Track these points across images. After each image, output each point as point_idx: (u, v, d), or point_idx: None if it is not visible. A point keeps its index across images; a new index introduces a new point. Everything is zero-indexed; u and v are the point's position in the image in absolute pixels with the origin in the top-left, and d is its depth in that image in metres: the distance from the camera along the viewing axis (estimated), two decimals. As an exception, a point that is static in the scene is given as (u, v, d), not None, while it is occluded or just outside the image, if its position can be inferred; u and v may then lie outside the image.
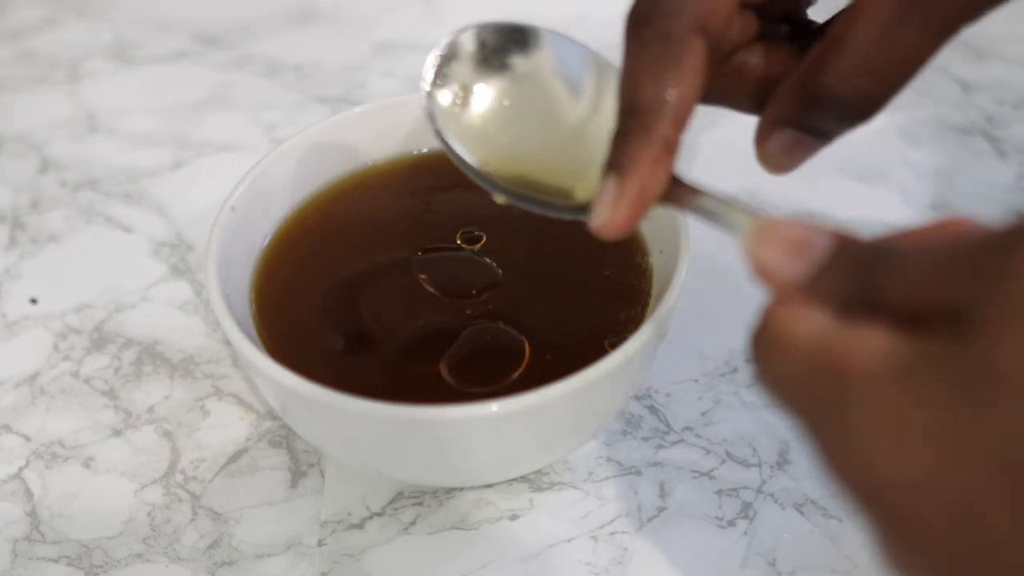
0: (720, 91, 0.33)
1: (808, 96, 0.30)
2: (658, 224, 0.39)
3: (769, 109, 0.32)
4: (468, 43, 0.34)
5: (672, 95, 0.29)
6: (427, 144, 0.44)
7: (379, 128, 0.43)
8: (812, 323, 0.22)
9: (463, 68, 0.34)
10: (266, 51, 0.61)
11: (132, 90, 0.59)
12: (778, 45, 0.32)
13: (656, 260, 0.39)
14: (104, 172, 0.54)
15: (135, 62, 0.61)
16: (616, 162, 0.29)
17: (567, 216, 0.32)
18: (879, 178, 0.52)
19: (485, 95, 0.34)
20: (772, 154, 0.33)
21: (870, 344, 0.21)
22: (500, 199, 0.33)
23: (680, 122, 0.29)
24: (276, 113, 0.57)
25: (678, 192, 0.30)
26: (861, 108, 0.30)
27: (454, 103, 0.34)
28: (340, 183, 0.43)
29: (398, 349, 0.37)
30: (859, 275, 0.22)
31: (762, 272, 0.24)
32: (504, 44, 0.34)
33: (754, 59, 0.32)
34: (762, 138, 0.32)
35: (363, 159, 0.43)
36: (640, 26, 0.29)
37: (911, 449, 0.20)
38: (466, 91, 0.34)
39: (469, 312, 0.38)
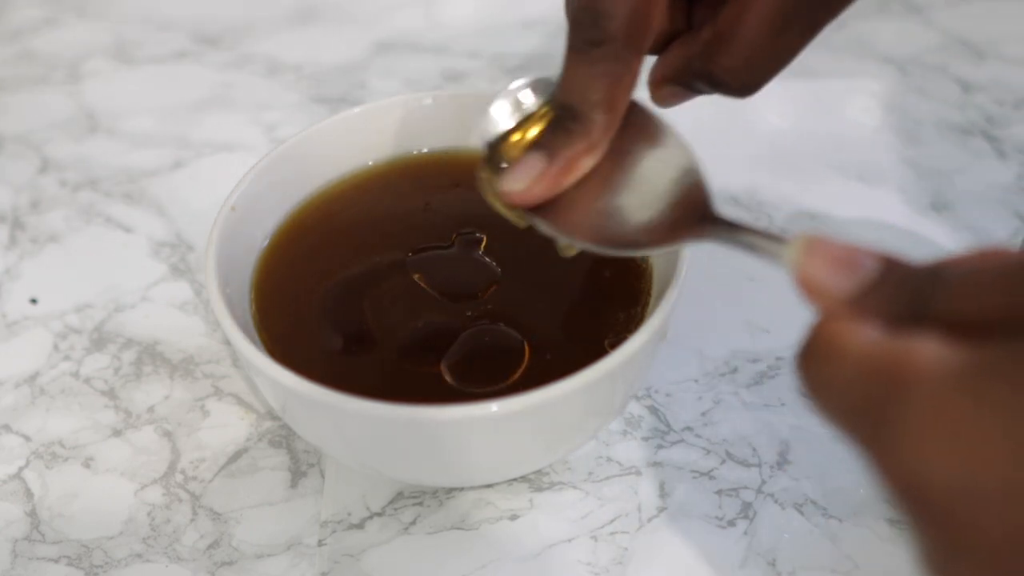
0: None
1: (697, 72, 0.35)
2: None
3: (663, 65, 0.36)
4: (526, 97, 0.36)
5: (611, 108, 0.33)
6: (427, 144, 0.44)
7: (379, 128, 0.43)
8: (865, 334, 0.22)
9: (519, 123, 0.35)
10: (266, 51, 0.61)
11: (132, 90, 0.59)
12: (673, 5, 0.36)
13: (656, 260, 0.39)
14: (104, 172, 0.54)
15: (135, 62, 0.61)
16: (548, 145, 0.33)
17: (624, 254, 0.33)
18: (879, 178, 0.52)
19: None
20: (661, 99, 0.37)
21: (927, 352, 0.21)
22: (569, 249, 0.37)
23: (611, 131, 0.33)
24: (276, 113, 0.57)
25: (718, 229, 0.30)
26: (740, 91, 0.35)
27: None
28: (340, 183, 0.43)
29: (398, 349, 0.37)
30: (909, 295, 0.22)
31: (808, 288, 0.24)
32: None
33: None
34: (655, 86, 0.37)
35: (363, 159, 0.43)
36: (589, 45, 0.33)
37: (976, 455, 0.19)
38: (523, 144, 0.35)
39: (469, 312, 0.38)
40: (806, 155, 0.53)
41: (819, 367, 0.23)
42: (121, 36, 0.63)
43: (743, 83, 0.35)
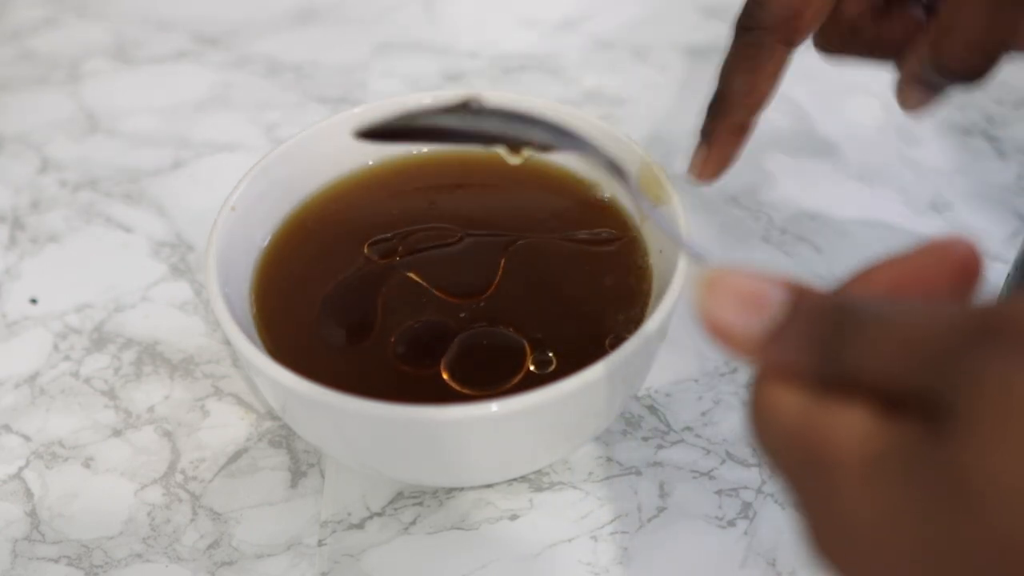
0: (863, 50, 0.39)
1: (931, 67, 0.36)
2: (658, 225, 0.39)
3: (904, 71, 0.38)
4: None
5: (750, 93, 0.37)
6: (427, 144, 0.44)
7: (379, 128, 0.43)
8: (790, 402, 0.22)
9: None
10: (266, 51, 0.61)
11: (132, 90, 0.59)
12: (903, 12, 0.38)
13: (656, 261, 0.39)
14: (104, 172, 0.54)
15: (135, 62, 0.61)
16: (705, 131, 0.38)
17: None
18: (879, 178, 0.52)
19: None
20: (909, 104, 0.38)
21: (847, 428, 0.20)
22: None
23: (754, 110, 0.38)
24: (276, 113, 0.57)
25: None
26: (973, 76, 0.36)
27: None
28: (340, 183, 0.43)
29: (399, 349, 0.37)
30: (823, 340, 0.21)
31: (715, 331, 0.23)
32: None
33: (883, 28, 0.38)
34: (901, 92, 0.38)
35: (363, 159, 0.43)
36: (742, 32, 0.37)
37: (885, 547, 0.19)
38: None
39: (470, 313, 0.38)
40: (806, 155, 0.54)
41: (757, 431, 0.23)
42: (121, 36, 0.63)
43: (971, 68, 0.36)
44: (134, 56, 0.62)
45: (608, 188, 0.42)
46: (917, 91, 0.38)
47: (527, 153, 0.32)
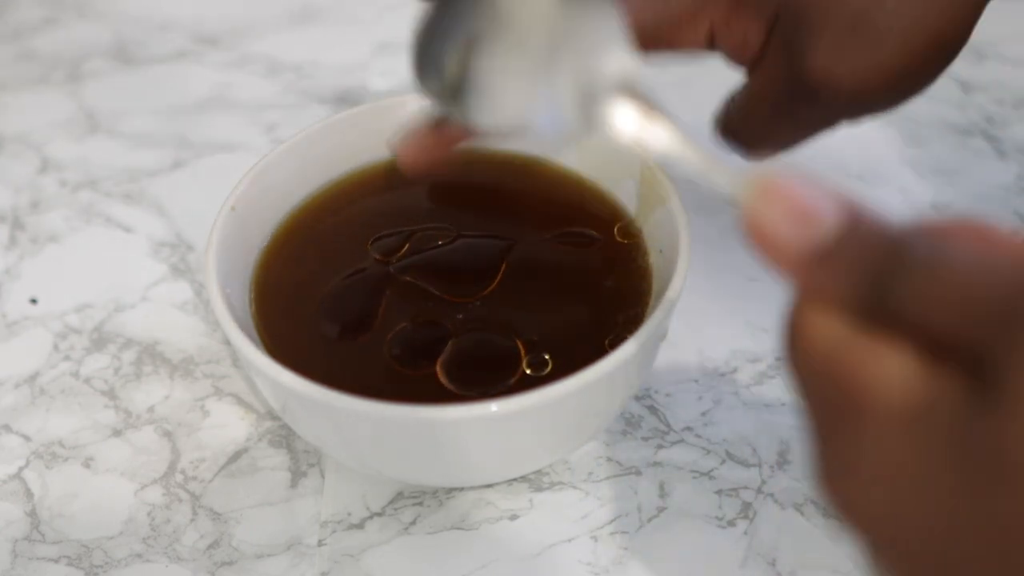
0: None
1: (724, 127, 0.39)
2: (658, 225, 0.39)
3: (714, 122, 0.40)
4: None
5: None
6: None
7: (379, 128, 0.43)
8: (827, 329, 0.21)
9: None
10: (266, 51, 0.61)
11: (132, 90, 0.59)
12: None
13: (656, 260, 0.39)
14: (104, 172, 0.54)
15: (135, 62, 0.61)
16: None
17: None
18: (879, 178, 0.52)
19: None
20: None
21: (884, 369, 0.20)
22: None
23: None
24: (276, 113, 0.57)
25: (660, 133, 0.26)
26: (752, 148, 0.39)
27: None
28: (340, 183, 0.43)
29: (398, 349, 0.37)
30: (874, 271, 0.20)
31: (759, 237, 0.21)
32: None
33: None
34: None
35: (363, 159, 0.43)
36: None
37: (907, 499, 0.19)
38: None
39: (470, 312, 0.38)
40: (806, 155, 0.53)
41: (790, 349, 0.22)
42: (121, 36, 0.63)
43: (750, 144, 0.39)
44: (134, 56, 0.62)
45: (610, 187, 0.42)
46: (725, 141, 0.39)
47: None
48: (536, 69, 0.27)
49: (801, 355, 0.21)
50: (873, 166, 0.52)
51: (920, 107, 0.57)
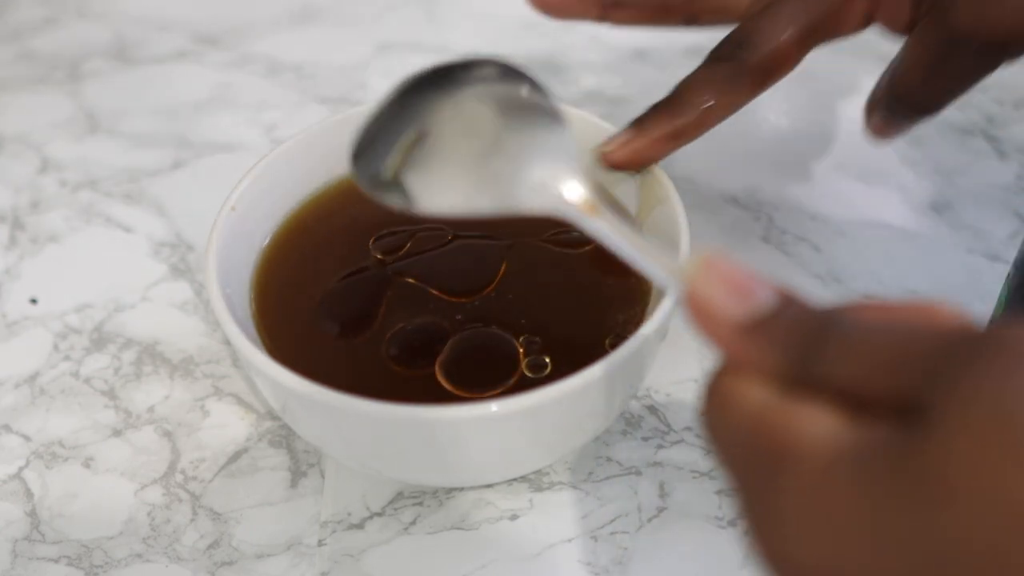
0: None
1: (891, 95, 0.39)
2: (658, 225, 0.39)
3: (870, 96, 0.40)
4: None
5: (704, 110, 0.37)
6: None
7: (379, 128, 0.43)
8: (754, 394, 0.22)
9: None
10: (266, 51, 0.61)
11: (132, 90, 0.59)
12: None
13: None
14: (104, 172, 0.54)
15: (135, 62, 0.61)
16: (640, 122, 0.38)
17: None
18: (879, 178, 0.52)
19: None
20: (873, 128, 0.41)
21: (811, 425, 0.20)
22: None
23: (700, 129, 0.38)
24: (276, 113, 0.57)
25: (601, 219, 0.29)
26: (921, 111, 0.39)
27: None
28: (340, 183, 0.43)
29: (398, 350, 0.37)
30: (803, 339, 0.21)
31: (698, 310, 0.23)
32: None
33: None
34: (868, 112, 0.41)
35: (363, 159, 0.43)
36: (719, 58, 0.38)
37: (844, 542, 0.19)
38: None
39: (470, 312, 0.38)
40: (806, 155, 0.54)
41: (712, 422, 0.23)
42: (121, 36, 0.63)
43: (922, 105, 0.39)
44: (134, 56, 0.62)
45: (610, 187, 0.42)
46: (878, 117, 0.40)
47: None
48: (480, 165, 0.31)
49: (727, 419, 0.22)
50: (873, 166, 0.52)
51: (920, 107, 0.56)
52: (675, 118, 0.37)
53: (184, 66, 0.61)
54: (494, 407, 0.32)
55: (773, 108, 0.55)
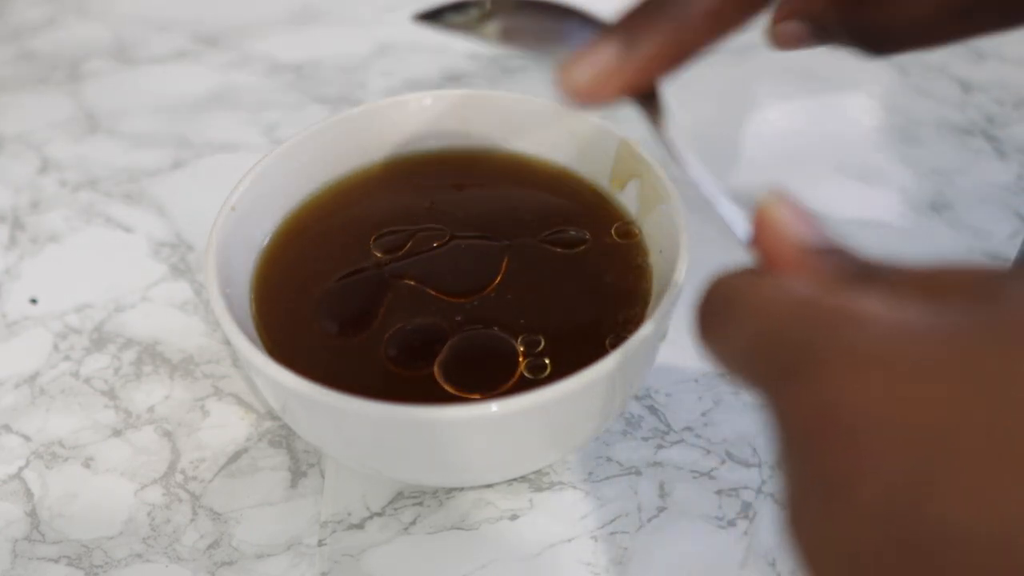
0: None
1: (838, 19, 0.33)
2: (658, 225, 0.39)
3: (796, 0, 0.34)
4: None
5: (712, 13, 0.27)
6: (427, 144, 0.44)
7: (379, 128, 0.43)
8: (801, 285, 0.21)
9: None
10: (266, 51, 0.61)
11: (132, 90, 0.59)
12: None
13: (656, 260, 0.39)
14: (104, 172, 0.54)
15: (135, 62, 0.61)
16: (627, 27, 0.27)
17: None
18: (879, 178, 0.52)
19: None
20: (781, 37, 0.34)
21: (875, 298, 0.20)
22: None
23: (708, 40, 0.28)
24: (276, 113, 0.57)
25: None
26: (878, 50, 0.33)
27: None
28: (340, 183, 0.43)
29: (398, 350, 0.37)
30: (863, 265, 0.22)
31: (767, 224, 0.23)
32: None
33: None
34: (779, 18, 0.34)
35: (363, 159, 0.43)
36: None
37: (919, 394, 0.18)
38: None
39: (470, 313, 0.38)
40: (806, 155, 0.54)
41: (737, 308, 0.22)
42: (121, 36, 0.63)
43: (890, 44, 0.32)
44: (134, 56, 0.62)
45: (611, 188, 0.42)
46: (798, 30, 0.34)
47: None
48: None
49: (767, 296, 0.21)
50: (873, 166, 0.52)
51: (920, 107, 0.57)
52: (677, 27, 0.27)
53: (184, 66, 0.61)
54: (494, 407, 0.32)
55: (773, 108, 0.55)
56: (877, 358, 0.18)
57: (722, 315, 0.23)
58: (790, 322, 0.20)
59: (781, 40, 0.34)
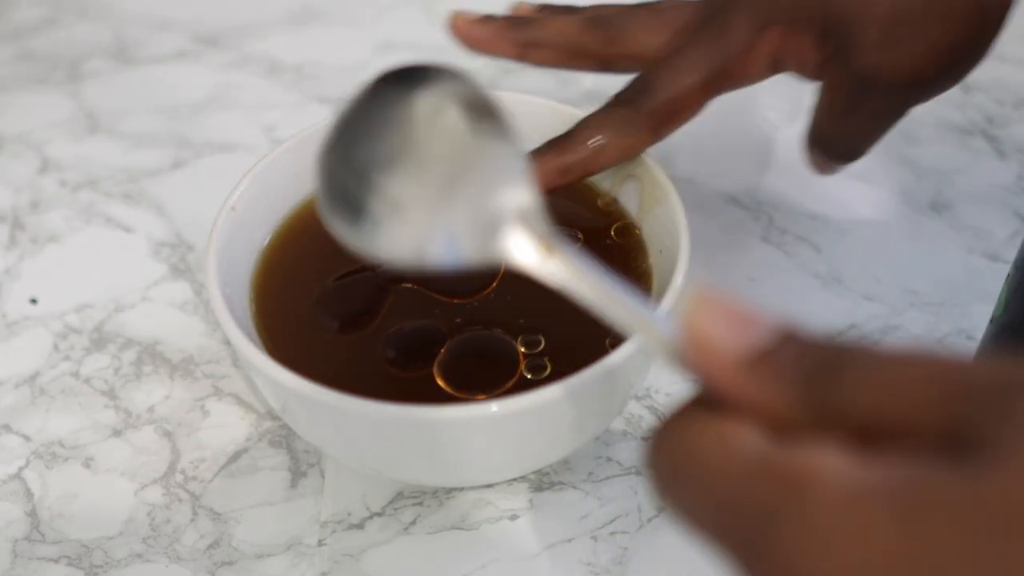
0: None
1: (812, 140, 0.42)
2: (658, 225, 0.39)
3: (804, 139, 0.43)
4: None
5: (601, 150, 0.38)
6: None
7: (379, 128, 0.43)
8: (750, 437, 0.19)
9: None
10: (266, 51, 0.61)
11: (132, 90, 0.59)
12: None
13: (656, 261, 0.39)
14: (104, 172, 0.54)
15: (135, 62, 0.61)
16: (535, 151, 0.38)
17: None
18: (879, 178, 0.52)
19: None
20: (812, 163, 0.44)
21: (828, 460, 0.18)
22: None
23: (589, 168, 0.38)
24: (276, 113, 0.57)
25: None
26: (837, 159, 0.43)
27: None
28: (340, 183, 0.43)
29: (398, 350, 0.37)
30: (814, 370, 0.19)
31: (697, 347, 0.21)
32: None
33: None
34: (807, 155, 0.43)
35: (363, 159, 0.43)
36: (619, 101, 0.38)
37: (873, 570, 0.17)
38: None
39: (470, 313, 0.38)
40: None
41: (684, 465, 0.20)
42: (121, 36, 0.63)
43: (842, 147, 0.42)
44: (134, 56, 0.62)
45: (611, 190, 0.42)
46: (815, 156, 0.42)
47: None
48: (436, 198, 0.28)
49: (710, 466, 0.20)
50: (873, 166, 0.52)
51: (920, 107, 0.57)
52: (564, 154, 0.38)
53: (184, 66, 0.61)
54: (494, 407, 0.32)
55: (773, 108, 0.55)
56: (839, 529, 0.18)
57: (679, 482, 0.21)
58: (748, 491, 0.19)
59: (821, 170, 0.44)
